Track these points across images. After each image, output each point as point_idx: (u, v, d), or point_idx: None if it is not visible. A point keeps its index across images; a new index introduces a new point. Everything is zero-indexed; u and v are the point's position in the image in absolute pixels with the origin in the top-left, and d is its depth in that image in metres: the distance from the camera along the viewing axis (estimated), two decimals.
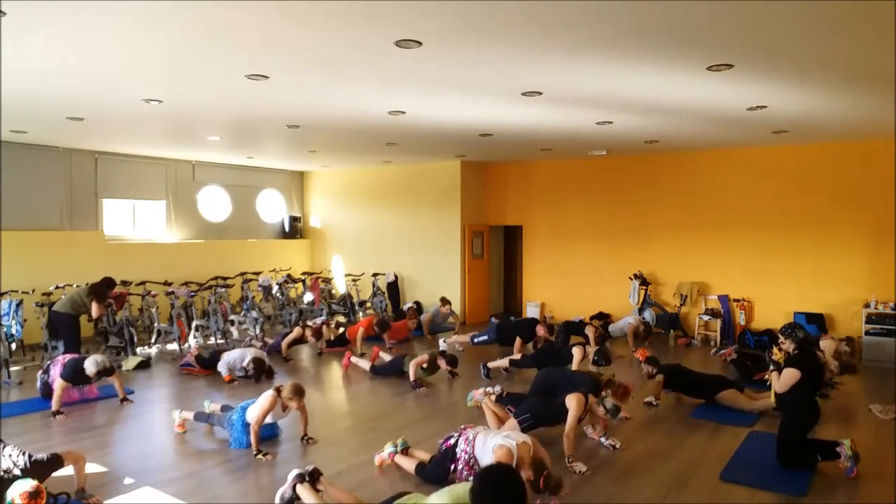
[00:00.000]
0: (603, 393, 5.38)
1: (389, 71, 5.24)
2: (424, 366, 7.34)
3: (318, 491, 3.89)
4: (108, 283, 7.86)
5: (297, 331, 8.82)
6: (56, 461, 4.10)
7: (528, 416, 5.06)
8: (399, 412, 6.36)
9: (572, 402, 4.96)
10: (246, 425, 5.17)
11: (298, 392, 5.17)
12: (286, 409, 5.21)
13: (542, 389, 6.00)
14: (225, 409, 5.66)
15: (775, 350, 5.10)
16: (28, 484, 3.63)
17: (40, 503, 3.69)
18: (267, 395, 5.13)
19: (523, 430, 5.01)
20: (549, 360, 7.49)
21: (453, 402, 6.68)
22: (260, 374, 7.31)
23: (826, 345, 7.80)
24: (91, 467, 4.74)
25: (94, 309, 7.60)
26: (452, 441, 4.48)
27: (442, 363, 7.35)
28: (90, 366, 6.03)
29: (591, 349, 7.33)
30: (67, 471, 4.18)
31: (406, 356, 7.65)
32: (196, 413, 5.68)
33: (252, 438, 5.06)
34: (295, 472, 3.95)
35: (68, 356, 6.39)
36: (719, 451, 5.20)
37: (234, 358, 7.44)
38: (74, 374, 6.09)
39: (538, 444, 4.29)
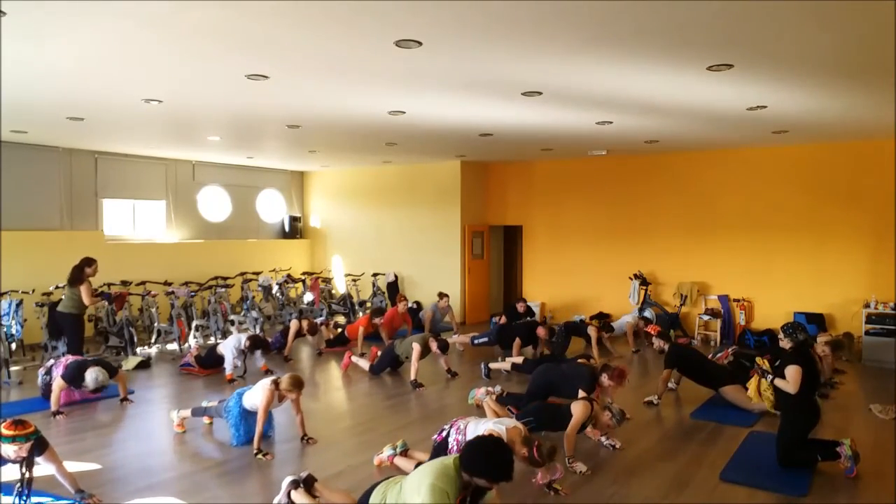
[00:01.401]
0: (609, 401, 5.38)
1: (389, 71, 5.24)
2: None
3: (314, 497, 3.88)
4: (84, 262, 7.46)
5: (294, 324, 8.86)
6: (41, 437, 3.98)
7: (531, 420, 5.05)
8: (398, 412, 6.36)
9: (577, 408, 4.97)
10: (243, 412, 5.20)
11: (297, 384, 5.17)
12: (283, 399, 5.23)
13: (541, 389, 6.01)
14: (222, 402, 5.65)
15: (758, 359, 5.13)
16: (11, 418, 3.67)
17: (29, 429, 3.75)
18: (266, 389, 5.12)
19: None
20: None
21: (452, 403, 6.68)
22: (256, 348, 7.41)
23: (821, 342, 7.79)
24: (90, 466, 4.76)
25: (85, 294, 7.32)
26: (444, 433, 4.53)
27: (433, 345, 7.41)
28: (89, 380, 6.06)
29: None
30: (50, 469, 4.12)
31: (396, 340, 7.70)
32: (193, 408, 5.68)
33: (256, 435, 5.07)
34: (289, 478, 3.95)
35: (71, 358, 6.40)
36: (719, 451, 5.20)
37: (232, 346, 7.45)
38: (75, 378, 6.12)
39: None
